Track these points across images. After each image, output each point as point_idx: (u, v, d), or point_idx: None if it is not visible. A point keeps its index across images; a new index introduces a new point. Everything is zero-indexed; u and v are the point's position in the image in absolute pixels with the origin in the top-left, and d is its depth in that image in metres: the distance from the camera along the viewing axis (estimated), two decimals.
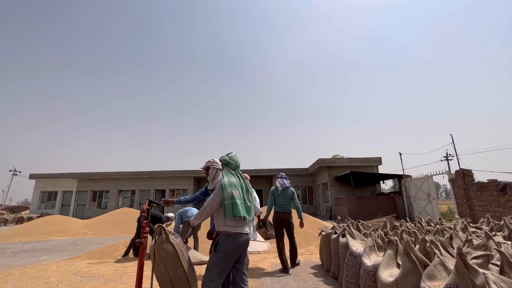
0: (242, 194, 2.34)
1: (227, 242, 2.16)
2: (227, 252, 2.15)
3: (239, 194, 2.29)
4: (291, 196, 4.36)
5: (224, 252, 2.15)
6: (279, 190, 4.36)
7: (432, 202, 9.94)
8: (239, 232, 2.20)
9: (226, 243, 2.16)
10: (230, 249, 2.15)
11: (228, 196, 2.22)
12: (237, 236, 2.18)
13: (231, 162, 2.45)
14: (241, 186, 2.38)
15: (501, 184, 6.76)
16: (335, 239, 3.70)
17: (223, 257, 2.15)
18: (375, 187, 16.51)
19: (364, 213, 11.19)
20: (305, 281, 3.58)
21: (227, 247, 2.15)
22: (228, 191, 2.23)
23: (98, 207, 21.45)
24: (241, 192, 2.33)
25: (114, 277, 3.87)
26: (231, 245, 2.16)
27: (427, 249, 2.15)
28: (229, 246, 2.16)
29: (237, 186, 2.33)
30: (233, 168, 2.46)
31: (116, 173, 21.45)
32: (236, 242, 2.17)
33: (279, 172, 5.07)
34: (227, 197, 2.21)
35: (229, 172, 2.41)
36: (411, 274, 1.97)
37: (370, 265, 2.52)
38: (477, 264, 1.63)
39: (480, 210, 7.41)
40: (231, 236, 2.18)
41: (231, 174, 2.40)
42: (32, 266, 4.71)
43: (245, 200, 2.33)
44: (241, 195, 2.31)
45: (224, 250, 2.15)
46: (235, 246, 2.17)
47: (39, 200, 22.11)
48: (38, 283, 3.69)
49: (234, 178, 2.37)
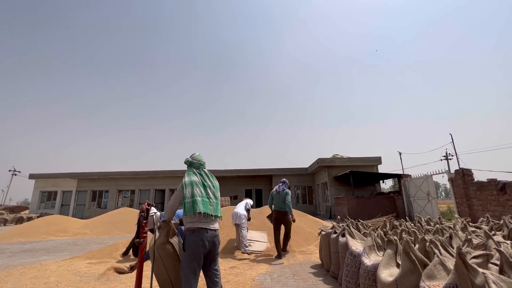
0: (205, 191, 2.41)
1: (191, 237, 2.23)
2: (193, 248, 2.20)
3: (200, 191, 2.37)
4: (284, 198, 5.11)
5: (190, 249, 2.21)
6: (275, 193, 5.27)
7: (431, 202, 9.94)
8: (202, 227, 2.26)
9: (190, 239, 2.23)
10: (195, 243, 2.20)
11: (188, 195, 2.30)
12: (200, 231, 2.24)
13: (194, 161, 2.54)
14: (204, 184, 2.45)
15: (500, 184, 6.77)
16: (335, 238, 3.70)
17: (191, 254, 2.20)
18: (374, 186, 16.51)
19: (364, 213, 11.19)
20: (305, 280, 3.57)
21: (192, 243, 2.21)
22: (188, 190, 2.32)
23: (98, 207, 21.43)
24: (202, 189, 2.40)
25: (113, 277, 3.86)
26: (195, 239, 2.21)
27: (427, 248, 2.15)
28: (194, 241, 2.21)
29: (198, 184, 2.41)
30: (196, 167, 2.54)
31: (116, 173, 21.42)
32: (200, 237, 2.22)
33: (281, 178, 5.63)
34: (187, 195, 2.30)
35: (192, 172, 2.49)
36: (410, 274, 1.97)
37: (370, 264, 2.52)
38: (476, 264, 1.63)
39: (480, 209, 7.41)
40: (194, 231, 2.24)
41: (193, 173, 2.47)
42: (32, 266, 4.70)
43: (208, 197, 2.40)
44: (202, 193, 2.38)
45: (189, 246, 2.21)
46: (200, 241, 2.21)
47: (38, 200, 22.08)
48: (38, 283, 3.68)
49: (195, 177, 2.44)
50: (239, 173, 20.52)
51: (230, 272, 3.99)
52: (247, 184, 21.46)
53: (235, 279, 3.62)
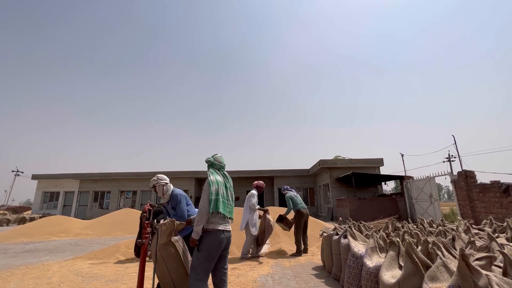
0: (226, 193, 2.46)
1: (209, 239, 2.24)
2: (210, 250, 2.21)
3: (223, 192, 2.41)
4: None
5: (206, 250, 2.21)
6: (294, 194, 5.86)
7: (434, 204, 9.88)
8: (220, 229, 2.27)
9: (208, 241, 2.23)
10: (212, 246, 2.22)
11: (215, 192, 2.33)
12: (218, 233, 2.26)
13: (215, 162, 2.56)
14: (225, 185, 2.50)
15: (504, 186, 6.71)
16: (337, 240, 3.68)
17: (206, 255, 2.21)
18: (376, 188, 16.45)
19: (366, 214, 11.15)
20: (307, 282, 3.56)
21: (209, 245, 2.22)
22: (214, 187, 2.34)
23: (100, 207, 21.50)
24: (225, 191, 2.45)
25: (115, 278, 3.87)
26: (212, 242, 2.22)
27: (429, 250, 2.13)
28: (211, 243, 2.22)
29: (221, 184, 2.44)
30: (217, 168, 2.57)
31: (118, 174, 21.50)
32: (218, 239, 2.24)
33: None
34: (214, 192, 2.32)
35: (214, 171, 2.52)
36: (413, 276, 1.96)
37: (372, 266, 2.51)
38: (479, 266, 1.62)
39: (483, 211, 7.36)
40: (212, 233, 2.25)
41: (216, 173, 2.51)
42: (34, 266, 4.72)
43: (228, 199, 2.44)
44: (224, 194, 2.42)
45: (206, 248, 2.21)
46: (217, 243, 2.23)
47: (41, 201, 22.18)
48: (40, 283, 3.70)
49: (219, 177, 2.48)
50: (240, 174, 20.52)
51: (231, 273, 3.99)
52: (248, 185, 21.41)
53: (237, 281, 3.62)
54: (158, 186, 3.16)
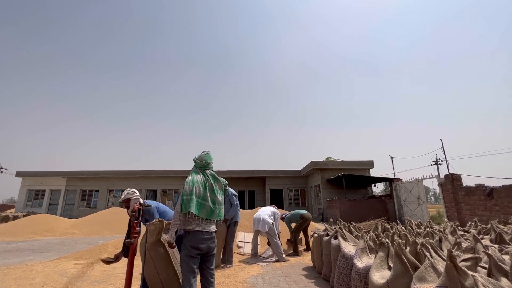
0: (204, 192, 2.35)
1: (186, 238, 2.27)
2: (188, 249, 2.23)
3: (199, 192, 2.32)
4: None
5: (186, 249, 2.24)
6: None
7: (421, 206, 10.11)
8: (198, 230, 2.26)
9: (185, 240, 2.26)
10: (190, 244, 2.23)
11: (187, 192, 2.27)
12: (196, 233, 2.25)
13: (197, 161, 2.52)
14: (205, 185, 2.39)
15: (488, 189, 6.93)
16: (327, 241, 3.71)
17: (186, 254, 2.23)
18: (366, 190, 16.70)
19: (356, 216, 11.29)
20: (297, 283, 3.57)
21: (187, 244, 2.24)
22: (188, 187, 2.29)
23: (87, 206, 20.99)
24: (202, 190, 2.35)
25: (102, 278, 3.78)
26: (189, 241, 2.24)
27: (418, 251, 2.17)
28: (188, 242, 2.24)
29: (200, 183, 2.36)
30: (198, 166, 2.50)
31: (107, 172, 21.06)
32: (195, 239, 2.24)
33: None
34: (186, 192, 2.27)
35: (195, 171, 2.47)
36: (402, 276, 1.99)
37: (362, 267, 2.54)
38: (466, 267, 1.66)
39: (468, 213, 7.57)
40: (190, 233, 2.26)
41: (196, 172, 2.45)
42: (17, 267, 4.56)
43: (205, 200, 2.34)
44: (201, 194, 2.33)
45: (185, 247, 2.25)
46: (193, 243, 2.23)
47: (25, 199, 21.47)
48: (23, 284, 3.57)
49: (199, 176, 2.41)
50: (232, 175, 20.44)
51: (221, 274, 3.96)
52: (240, 185, 21.38)
53: (227, 281, 3.59)
54: (133, 200, 3.01)
